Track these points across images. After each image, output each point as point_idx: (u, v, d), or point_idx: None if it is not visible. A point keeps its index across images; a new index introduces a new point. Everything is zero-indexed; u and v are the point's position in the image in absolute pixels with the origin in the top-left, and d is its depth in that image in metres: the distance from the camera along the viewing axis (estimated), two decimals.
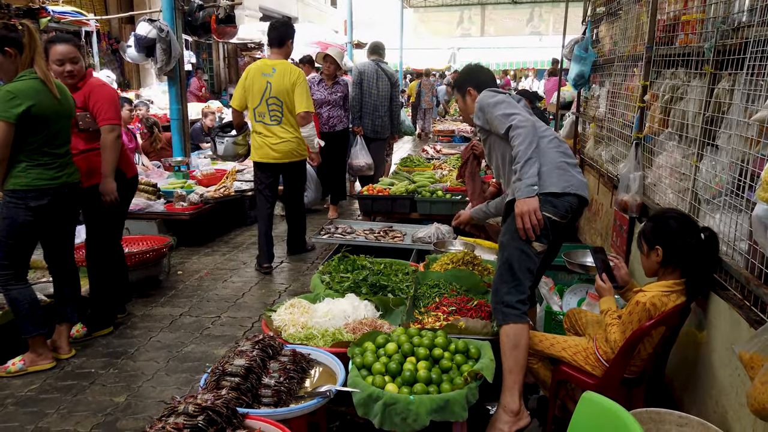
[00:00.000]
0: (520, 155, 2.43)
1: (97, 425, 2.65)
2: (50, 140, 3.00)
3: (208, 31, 6.61)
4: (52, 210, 3.06)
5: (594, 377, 2.32)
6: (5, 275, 3.02)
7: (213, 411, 1.94)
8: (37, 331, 3.10)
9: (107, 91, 3.44)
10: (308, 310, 3.15)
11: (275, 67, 4.45)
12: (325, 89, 6.51)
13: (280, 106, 4.46)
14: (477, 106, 2.69)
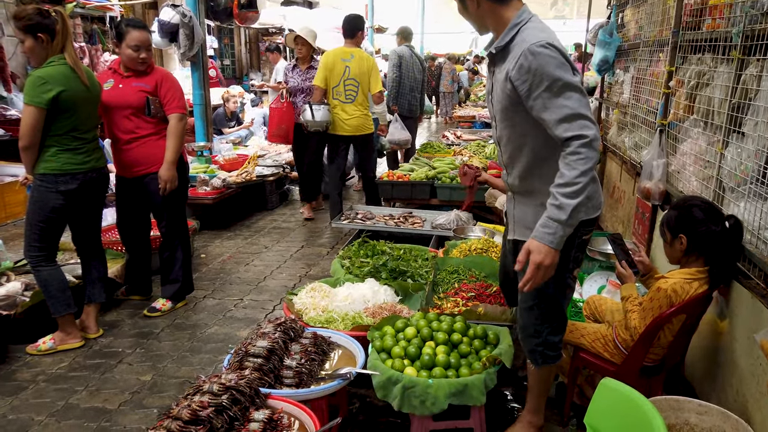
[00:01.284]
0: (577, 187, 1.79)
1: (124, 402, 2.74)
2: (79, 125, 3.07)
3: (230, 17, 6.64)
4: (81, 194, 3.14)
5: (613, 364, 2.33)
6: (37, 257, 3.11)
7: (237, 390, 1.99)
8: (66, 311, 3.19)
9: (177, 81, 3.57)
10: (328, 294, 3.19)
11: (353, 54, 5.32)
12: (299, 75, 5.83)
13: (356, 87, 5.31)
14: (526, 62, 1.83)
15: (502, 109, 2.02)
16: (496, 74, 2.03)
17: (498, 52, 1.98)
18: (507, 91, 1.94)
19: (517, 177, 2.13)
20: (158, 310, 3.69)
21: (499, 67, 1.99)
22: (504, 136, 2.10)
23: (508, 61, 1.93)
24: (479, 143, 7.63)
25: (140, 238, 3.82)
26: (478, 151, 7.23)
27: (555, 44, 1.84)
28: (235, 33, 13.04)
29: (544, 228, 1.86)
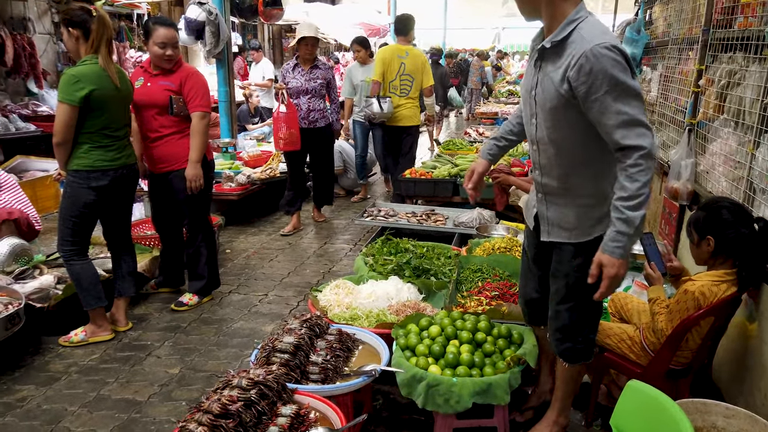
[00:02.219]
0: (641, 199, 1.78)
1: (153, 394, 2.80)
2: (109, 123, 3.13)
3: (255, 14, 6.70)
4: (112, 190, 3.21)
5: (639, 366, 2.32)
6: (69, 251, 3.19)
7: (265, 385, 2.03)
8: (97, 304, 3.27)
9: (202, 78, 3.60)
10: (352, 291, 3.22)
11: (408, 51, 5.82)
12: (301, 75, 5.21)
13: (411, 82, 5.83)
14: (588, 63, 1.75)
15: (552, 108, 1.91)
16: (546, 71, 1.91)
17: (551, 47, 1.87)
18: (562, 90, 1.85)
19: (556, 177, 2.04)
20: (185, 305, 3.76)
21: (552, 63, 1.88)
22: (546, 136, 1.99)
23: (564, 58, 1.83)
24: None
25: (172, 230, 3.89)
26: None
27: (619, 47, 1.78)
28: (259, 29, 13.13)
29: (613, 242, 1.82)
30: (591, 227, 2.02)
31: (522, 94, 2.13)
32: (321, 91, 5.23)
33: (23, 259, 3.76)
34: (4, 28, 6.42)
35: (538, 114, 1.99)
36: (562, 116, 1.92)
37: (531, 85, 2.00)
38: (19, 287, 3.32)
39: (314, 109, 5.23)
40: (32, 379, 2.94)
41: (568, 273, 2.08)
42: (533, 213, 2.22)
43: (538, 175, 2.12)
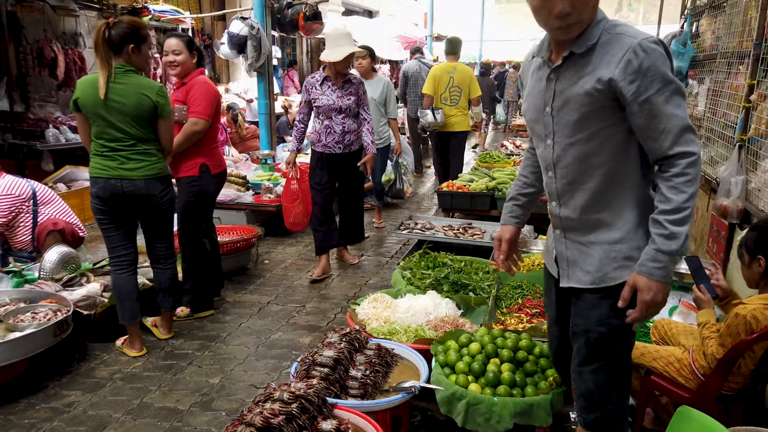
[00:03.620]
0: (687, 212, 1.59)
1: (194, 404, 2.85)
2: (102, 133, 3.08)
3: (296, 28, 6.79)
4: (114, 200, 3.12)
5: (688, 390, 2.24)
6: (109, 260, 3.26)
7: (306, 399, 2.04)
8: (129, 321, 3.27)
9: (206, 88, 3.59)
10: (390, 305, 3.22)
11: (456, 67, 6.57)
12: (332, 92, 4.46)
13: (459, 93, 6.50)
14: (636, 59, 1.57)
15: (580, 119, 1.67)
16: (567, 81, 1.68)
17: (582, 53, 1.65)
18: (595, 94, 1.62)
19: (578, 208, 1.77)
20: (175, 314, 3.71)
21: (578, 70, 1.66)
22: (570, 155, 1.73)
23: (597, 60, 1.62)
24: None
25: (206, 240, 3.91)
26: None
27: (664, 43, 1.61)
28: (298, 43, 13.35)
29: (653, 262, 1.61)
30: (617, 269, 1.73)
31: (531, 117, 1.85)
32: (355, 110, 4.58)
33: (71, 267, 3.88)
34: (57, 43, 6.68)
35: (557, 132, 1.75)
36: (593, 128, 1.68)
37: (543, 101, 1.77)
38: (67, 294, 3.42)
39: (350, 131, 4.55)
40: (78, 384, 3.03)
41: (589, 328, 1.79)
42: (551, 255, 1.93)
43: (556, 207, 1.85)
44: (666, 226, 1.59)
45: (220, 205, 5.01)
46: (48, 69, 6.59)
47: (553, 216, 1.87)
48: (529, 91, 1.86)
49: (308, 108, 4.57)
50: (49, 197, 4.44)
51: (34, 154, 6.36)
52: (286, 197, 5.16)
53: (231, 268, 4.58)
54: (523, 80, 1.94)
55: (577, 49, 1.65)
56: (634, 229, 1.72)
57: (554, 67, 1.71)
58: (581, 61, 1.66)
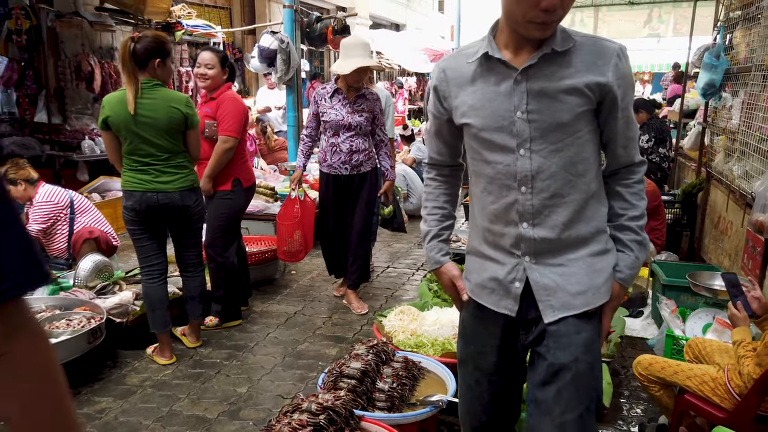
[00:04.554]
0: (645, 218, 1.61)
1: (222, 413, 2.87)
2: (135, 149, 3.12)
3: (325, 42, 6.90)
4: (147, 212, 3.18)
5: (723, 410, 2.18)
6: (140, 269, 3.33)
7: (333, 411, 2.05)
8: (160, 330, 3.33)
9: (236, 105, 3.64)
10: (417, 317, 3.22)
11: None
12: (342, 106, 4.00)
13: None
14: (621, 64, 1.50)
15: (571, 120, 1.49)
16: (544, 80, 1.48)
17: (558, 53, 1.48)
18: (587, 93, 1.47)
19: (559, 226, 1.52)
20: (204, 324, 3.78)
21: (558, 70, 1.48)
22: (554, 164, 1.50)
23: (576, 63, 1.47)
24: None
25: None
26: None
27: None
28: (325, 56, 13.51)
29: (631, 270, 1.58)
30: (607, 282, 1.56)
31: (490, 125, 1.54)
32: (367, 128, 4.04)
33: (104, 275, 3.97)
34: (94, 57, 6.89)
35: (536, 138, 1.50)
36: (582, 126, 1.51)
37: (511, 106, 1.51)
38: (100, 302, 3.50)
39: (358, 150, 4.04)
40: (110, 391, 3.08)
41: (578, 357, 1.51)
42: (514, 291, 1.58)
43: (528, 229, 1.53)
44: (638, 232, 1.57)
45: (249, 216, 5.07)
46: (85, 82, 6.80)
47: (523, 240, 1.54)
48: (478, 99, 1.56)
49: (317, 121, 4.13)
50: (85, 206, 4.56)
51: (70, 165, 6.55)
52: (282, 217, 4.41)
53: (258, 279, 4.63)
54: (450, 91, 1.62)
55: (559, 47, 1.47)
56: (608, 238, 1.60)
57: (525, 67, 1.48)
58: (560, 60, 1.49)
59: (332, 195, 4.15)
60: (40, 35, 6.25)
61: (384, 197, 4.33)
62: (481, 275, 1.66)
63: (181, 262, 3.47)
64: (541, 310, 1.55)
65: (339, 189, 4.13)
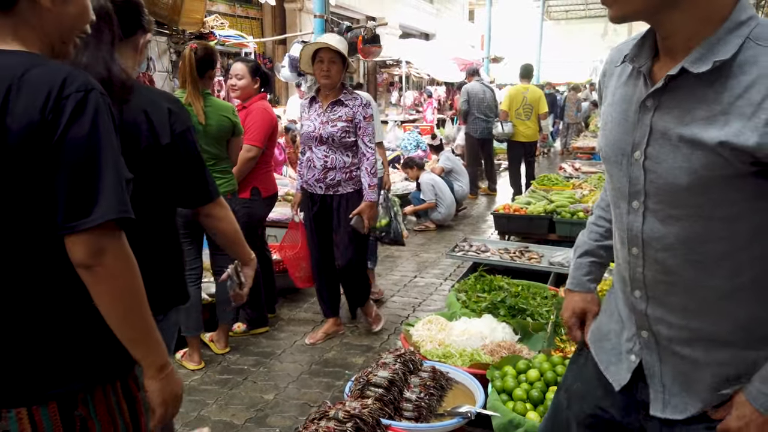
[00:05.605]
0: None
1: (249, 419, 2.88)
2: None
3: (355, 51, 6.94)
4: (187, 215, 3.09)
5: None
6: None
7: (360, 419, 2.03)
8: (189, 333, 3.36)
9: (263, 115, 3.67)
10: (445, 327, 3.18)
11: (528, 89, 8.13)
12: (317, 115, 3.50)
13: (531, 110, 8.00)
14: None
15: (693, 185, 1.03)
16: (673, 118, 1.04)
17: (703, 74, 0.99)
18: (725, 154, 0.97)
19: (682, 311, 1.12)
20: (232, 330, 3.80)
21: (694, 104, 1.01)
22: (672, 234, 1.09)
23: (726, 95, 0.97)
24: (600, 176, 7.31)
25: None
26: (599, 184, 6.93)
27: None
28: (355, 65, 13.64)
29: (764, 384, 1.04)
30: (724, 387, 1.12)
31: (608, 156, 1.19)
32: (345, 140, 3.44)
33: None
34: None
35: (652, 194, 1.10)
36: (716, 197, 1.03)
37: (631, 140, 1.12)
38: None
39: (334, 167, 3.47)
40: None
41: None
42: (629, 364, 1.23)
43: (640, 301, 1.18)
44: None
45: (276, 224, 5.10)
46: None
47: (634, 311, 1.21)
48: (608, 114, 1.20)
49: None
50: None
51: None
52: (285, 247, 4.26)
53: (285, 286, 4.64)
54: (602, 92, 1.27)
55: (695, 66, 0.99)
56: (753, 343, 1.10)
57: (654, 89, 1.06)
58: (701, 88, 1.00)
59: (311, 217, 3.68)
60: None
61: (357, 221, 3.50)
62: (605, 321, 1.35)
63: (216, 266, 3.52)
64: (651, 400, 1.19)
65: (315, 210, 3.63)
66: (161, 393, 1.22)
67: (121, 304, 1.09)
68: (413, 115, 12.90)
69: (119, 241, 1.08)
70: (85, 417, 1.12)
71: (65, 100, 1.03)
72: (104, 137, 1.06)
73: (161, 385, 1.22)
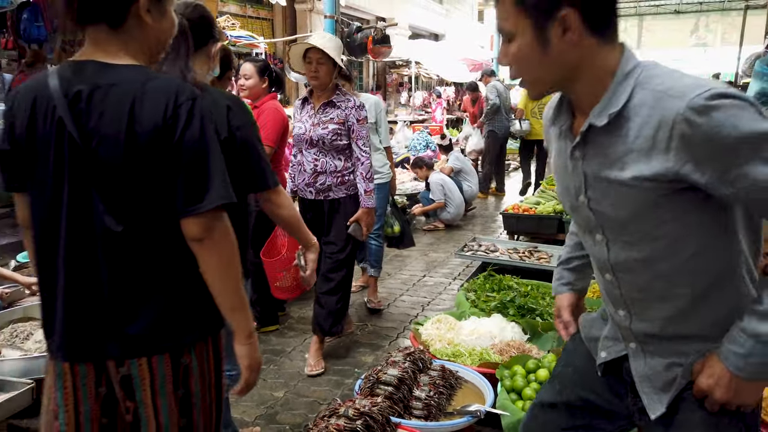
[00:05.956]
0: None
1: (260, 416, 2.90)
2: None
3: (365, 52, 6.97)
4: None
5: None
6: None
7: (370, 417, 2.05)
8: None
9: (276, 115, 3.66)
10: (454, 326, 3.19)
11: None
12: (309, 117, 3.35)
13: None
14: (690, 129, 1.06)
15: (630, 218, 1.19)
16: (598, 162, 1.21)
17: (599, 128, 1.18)
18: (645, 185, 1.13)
19: (661, 320, 1.26)
20: None
21: (609, 147, 1.18)
22: (632, 260, 1.24)
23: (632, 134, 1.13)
24: None
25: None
26: None
27: (730, 90, 1.08)
28: (364, 66, 13.63)
29: (732, 344, 1.15)
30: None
31: (562, 196, 1.38)
32: (337, 143, 3.27)
33: None
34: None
35: (606, 227, 1.26)
36: (652, 223, 1.18)
37: (574, 187, 1.28)
38: None
39: (325, 171, 3.30)
40: None
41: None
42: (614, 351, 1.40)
43: (624, 318, 1.31)
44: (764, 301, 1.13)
45: None
46: None
47: (620, 327, 1.35)
48: (555, 165, 1.38)
49: None
50: None
51: None
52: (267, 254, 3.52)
53: None
54: (548, 146, 1.45)
55: (598, 120, 1.17)
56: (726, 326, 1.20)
57: (576, 143, 1.23)
58: (609, 137, 1.17)
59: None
60: None
61: (355, 228, 3.33)
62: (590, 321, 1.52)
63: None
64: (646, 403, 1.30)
65: (308, 217, 3.34)
66: (248, 357, 1.41)
67: (225, 273, 1.32)
68: (422, 116, 12.91)
69: (224, 221, 1.30)
70: (188, 365, 1.35)
71: (179, 108, 1.24)
72: (210, 137, 1.28)
73: (249, 350, 1.41)
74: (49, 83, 1.25)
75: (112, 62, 1.27)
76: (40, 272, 1.36)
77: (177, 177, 1.26)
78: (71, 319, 1.31)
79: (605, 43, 1.17)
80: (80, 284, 1.29)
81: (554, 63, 1.17)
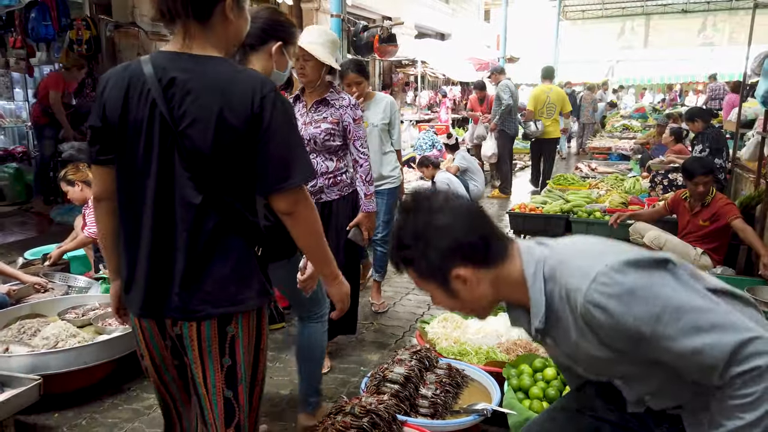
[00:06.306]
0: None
1: (266, 413, 2.90)
2: None
3: (371, 50, 6.97)
4: None
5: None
6: None
7: (376, 414, 2.04)
8: None
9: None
10: (460, 325, 3.19)
11: (551, 89, 8.64)
12: (300, 115, 3.11)
13: (554, 109, 8.43)
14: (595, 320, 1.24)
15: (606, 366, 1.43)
16: (566, 342, 1.39)
17: (546, 326, 1.37)
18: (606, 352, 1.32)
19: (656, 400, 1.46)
20: None
21: (562, 332, 1.37)
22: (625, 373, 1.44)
23: (567, 319, 1.33)
24: (617, 177, 7.27)
25: None
26: (616, 184, 6.88)
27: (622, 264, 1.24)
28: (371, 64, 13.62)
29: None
30: None
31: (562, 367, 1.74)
32: (328, 142, 3.07)
33: None
34: None
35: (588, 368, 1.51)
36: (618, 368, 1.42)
37: (564, 362, 1.62)
38: None
39: (320, 172, 3.11)
40: None
41: None
42: None
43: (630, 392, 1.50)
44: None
45: None
46: None
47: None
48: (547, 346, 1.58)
49: None
50: None
51: None
52: None
53: None
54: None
55: (538, 323, 1.36)
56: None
57: (539, 337, 1.45)
58: (555, 332, 1.38)
59: None
60: (99, 45, 6.53)
61: (355, 233, 3.18)
62: None
63: None
64: None
65: None
66: (338, 293, 1.74)
67: (312, 237, 1.57)
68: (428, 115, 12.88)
69: (306, 195, 1.52)
70: (234, 334, 1.51)
71: (264, 99, 1.41)
72: (294, 124, 1.50)
73: (337, 289, 1.73)
74: (143, 69, 1.40)
75: (200, 53, 1.43)
76: (126, 235, 1.52)
77: (263, 159, 1.43)
78: (144, 279, 1.49)
79: (503, 262, 1.36)
80: (159, 248, 1.46)
81: (473, 299, 1.39)
